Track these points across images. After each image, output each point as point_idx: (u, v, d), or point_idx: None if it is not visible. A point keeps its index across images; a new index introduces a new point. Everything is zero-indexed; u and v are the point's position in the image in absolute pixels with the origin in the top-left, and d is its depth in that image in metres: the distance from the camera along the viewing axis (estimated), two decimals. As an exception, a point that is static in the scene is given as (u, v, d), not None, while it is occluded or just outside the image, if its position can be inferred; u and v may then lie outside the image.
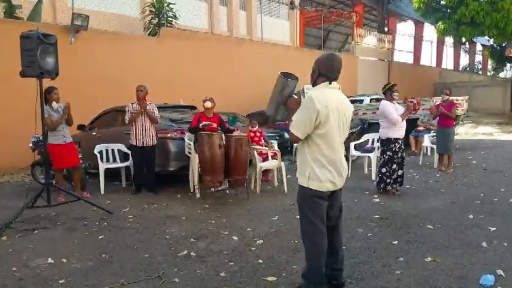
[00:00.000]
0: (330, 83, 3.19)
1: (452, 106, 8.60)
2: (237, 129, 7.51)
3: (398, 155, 6.76)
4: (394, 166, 6.75)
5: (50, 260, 4.20)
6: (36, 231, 5.19)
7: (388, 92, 6.82)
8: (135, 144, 7.18)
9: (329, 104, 3.07)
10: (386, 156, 6.76)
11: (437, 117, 8.89)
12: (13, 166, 9.65)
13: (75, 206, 6.28)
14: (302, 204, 3.27)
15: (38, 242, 4.80)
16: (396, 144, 6.72)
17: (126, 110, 7.25)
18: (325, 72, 3.19)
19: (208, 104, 6.95)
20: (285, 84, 3.51)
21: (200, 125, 6.80)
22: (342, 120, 3.19)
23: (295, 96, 3.49)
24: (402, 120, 6.71)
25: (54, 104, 6.65)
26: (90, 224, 5.46)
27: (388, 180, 6.76)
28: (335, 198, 3.32)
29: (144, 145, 7.14)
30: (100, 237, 4.93)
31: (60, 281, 3.70)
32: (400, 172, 6.81)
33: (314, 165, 3.14)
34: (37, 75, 5.51)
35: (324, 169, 3.13)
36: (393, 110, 6.69)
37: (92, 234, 5.05)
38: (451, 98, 8.92)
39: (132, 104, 7.25)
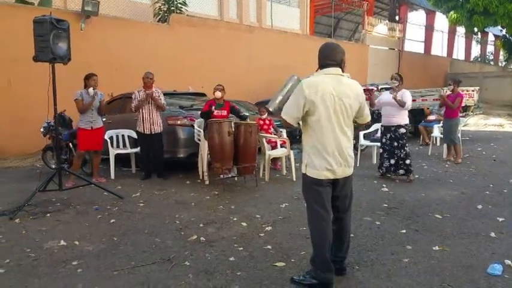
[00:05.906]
0: (320, 69, 3.22)
1: (456, 97, 8.53)
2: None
3: (383, 141, 7.15)
4: (381, 151, 7.24)
5: (62, 242, 4.28)
6: (48, 214, 5.28)
7: None
8: (142, 131, 7.23)
9: (319, 90, 3.06)
10: None
11: (444, 108, 8.96)
12: (24, 151, 9.76)
13: (87, 190, 6.39)
14: (304, 191, 3.30)
15: (50, 225, 4.88)
16: (382, 130, 7.22)
17: (133, 97, 7.29)
18: (319, 60, 3.26)
19: (219, 94, 6.98)
20: (292, 81, 3.56)
21: (213, 107, 6.84)
22: (340, 106, 3.12)
23: None
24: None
25: (90, 89, 6.77)
26: (101, 208, 5.54)
27: (381, 164, 7.25)
28: (341, 189, 3.26)
29: (152, 132, 7.19)
30: (112, 221, 5.01)
31: (73, 263, 3.77)
32: (392, 161, 7.04)
33: (311, 152, 3.17)
34: (49, 60, 5.56)
35: (319, 156, 3.12)
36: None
37: (104, 218, 5.13)
38: (459, 88, 8.88)
39: (139, 91, 7.27)
